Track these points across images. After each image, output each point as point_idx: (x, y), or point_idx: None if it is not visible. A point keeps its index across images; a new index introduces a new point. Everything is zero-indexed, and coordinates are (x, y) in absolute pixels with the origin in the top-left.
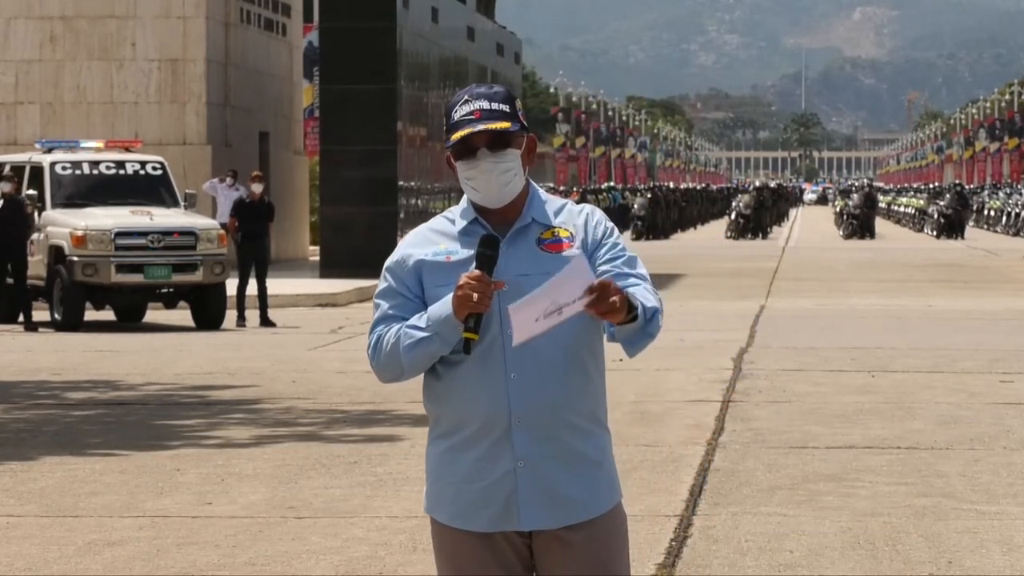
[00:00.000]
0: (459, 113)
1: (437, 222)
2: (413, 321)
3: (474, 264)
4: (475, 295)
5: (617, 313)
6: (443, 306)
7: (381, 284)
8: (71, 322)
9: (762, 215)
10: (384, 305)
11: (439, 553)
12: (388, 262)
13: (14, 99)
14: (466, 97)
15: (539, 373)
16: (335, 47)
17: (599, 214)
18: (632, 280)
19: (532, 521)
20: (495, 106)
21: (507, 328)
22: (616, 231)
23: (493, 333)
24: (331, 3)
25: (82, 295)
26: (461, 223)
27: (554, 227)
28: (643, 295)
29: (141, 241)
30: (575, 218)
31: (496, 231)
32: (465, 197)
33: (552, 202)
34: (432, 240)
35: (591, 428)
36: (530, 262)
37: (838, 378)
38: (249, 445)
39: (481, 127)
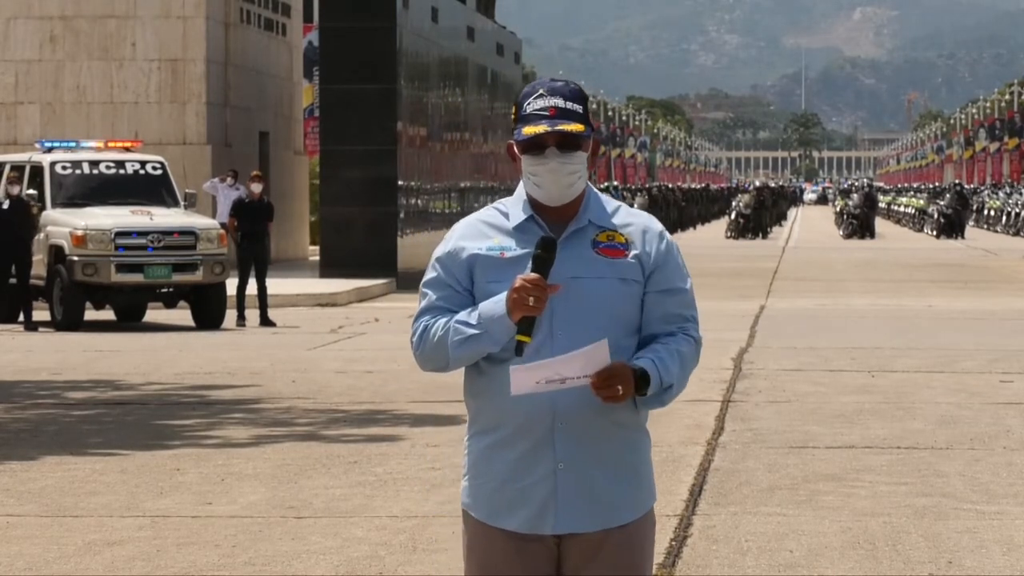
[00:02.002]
0: (532, 106)
1: (490, 214)
2: (463, 316)
3: (530, 266)
4: (531, 299)
5: (618, 400)
6: (496, 305)
7: (429, 273)
8: (71, 322)
9: (762, 215)
10: (431, 295)
11: (470, 549)
12: (438, 252)
13: (14, 99)
14: (541, 91)
15: None
16: (335, 47)
17: (659, 226)
18: (673, 331)
19: (567, 524)
20: (570, 105)
21: (556, 330)
22: (676, 247)
23: (542, 335)
24: (331, 3)
25: (82, 295)
26: (516, 219)
27: (611, 231)
28: (667, 368)
29: (141, 241)
30: (633, 226)
31: (551, 230)
32: (520, 190)
33: (608, 204)
34: (485, 234)
35: (633, 434)
36: (584, 265)
37: (838, 378)
38: (249, 445)
39: (555, 127)
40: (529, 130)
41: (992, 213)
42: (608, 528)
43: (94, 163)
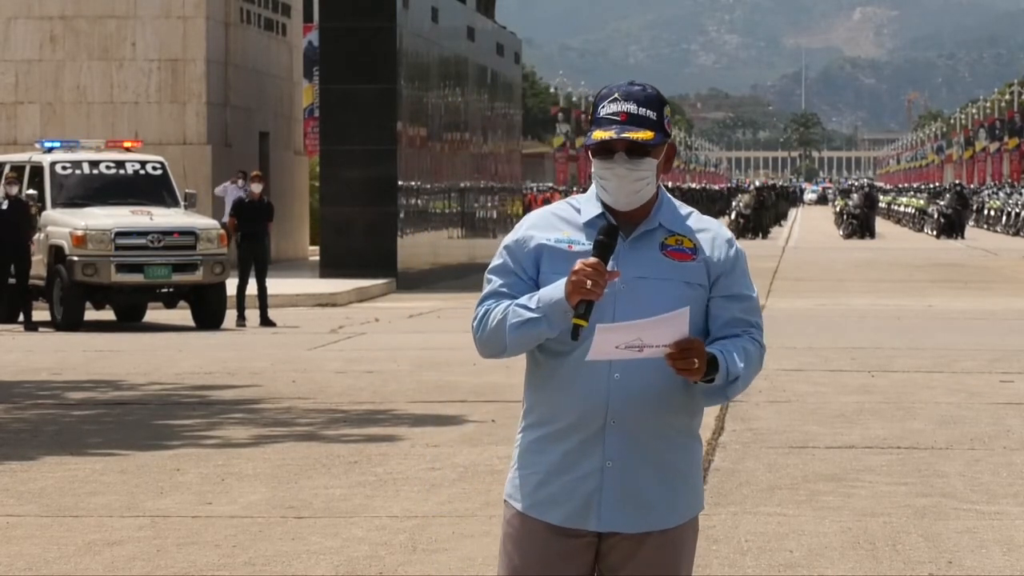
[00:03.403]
0: (606, 110)
1: (562, 208)
2: (523, 301)
3: (592, 251)
4: (589, 282)
5: (692, 374)
6: (555, 289)
7: (496, 260)
8: (71, 322)
9: (762, 215)
10: (496, 281)
11: (508, 540)
12: (507, 240)
13: (14, 99)
14: (616, 95)
15: (643, 377)
16: (335, 47)
17: (729, 233)
18: (738, 333)
19: (609, 523)
20: (642, 111)
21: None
22: (745, 256)
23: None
24: (331, 3)
25: (82, 295)
26: (588, 214)
27: (680, 235)
28: (734, 360)
29: (141, 241)
30: (702, 232)
31: (622, 229)
32: (593, 188)
33: (681, 208)
34: (555, 226)
35: (685, 438)
36: (650, 265)
37: (838, 378)
38: (249, 445)
39: (623, 135)
40: (599, 135)
41: (992, 213)
42: (650, 531)
43: (94, 163)
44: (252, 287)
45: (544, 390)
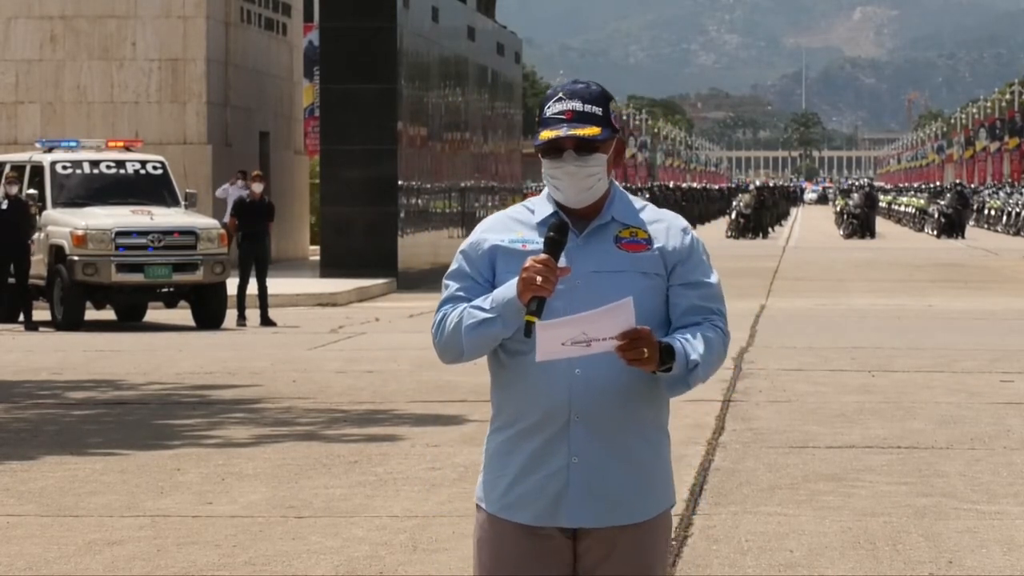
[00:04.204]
0: (551, 110)
1: (517, 210)
2: (478, 302)
3: (543, 248)
4: (539, 278)
5: (645, 364)
6: (508, 288)
7: (453, 265)
8: (71, 322)
9: (762, 215)
10: (453, 286)
11: (482, 543)
12: (463, 245)
13: (14, 99)
14: (561, 94)
15: (605, 372)
16: (335, 47)
17: (684, 222)
18: (699, 321)
19: (577, 518)
20: (588, 108)
21: None
22: (702, 245)
23: None
24: (331, 3)
25: (82, 294)
26: (541, 214)
27: (634, 227)
28: (692, 347)
29: (141, 241)
30: (657, 223)
31: (576, 227)
32: (547, 189)
33: (634, 203)
34: (509, 227)
35: (651, 432)
36: (605, 259)
37: (838, 378)
38: (249, 445)
39: (569, 132)
40: (546, 134)
41: (992, 213)
42: (620, 526)
43: (94, 163)
44: (252, 287)
45: (509, 390)
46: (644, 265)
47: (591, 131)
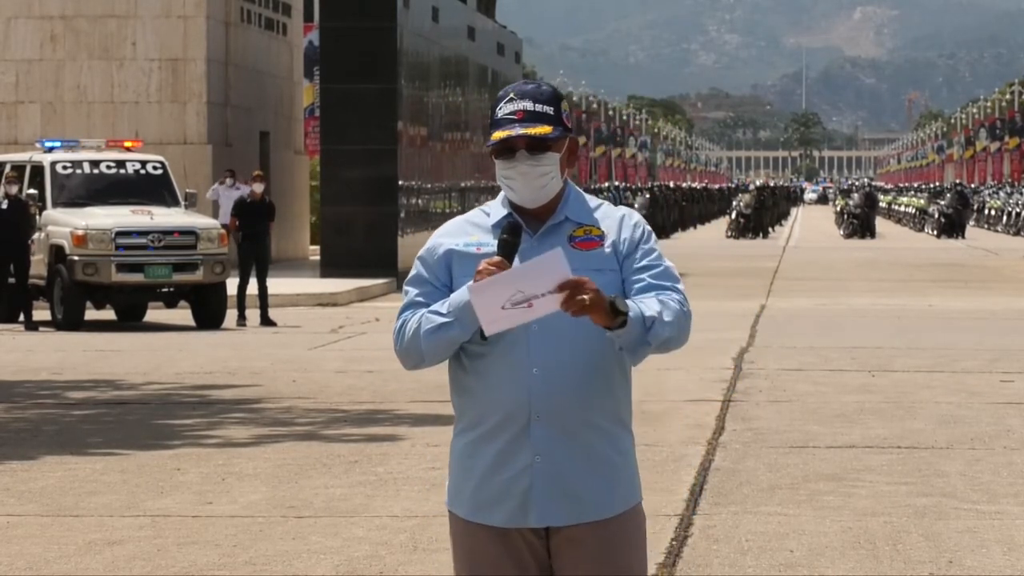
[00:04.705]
0: (502, 111)
1: (473, 214)
2: (435, 307)
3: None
4: None
5: (594, 313)
6: (463, 292)
7: (412, 271)
8: (71, 321)
9: (762, 215)
10: (412, 292)
11: (457, 548)
12: (421, 251)
13: (14, 99)
14: (512, 95)
15: (562, 370)
16: (335, 47)
17: (636, 217)
18: (656, 292)
19: (544, 517)
20: (539, 108)
21: (532, 324)
22: (653, 237)
23: (519, 329)
24: (332, 3)
25: (82, 294)
26: (496, 216)
27: (587, 225)
28: (648, 304)
29: (141, 240)
30: (610, 219)
31: (530, 227)
32: (503, 192)
33: (589, 201)
34: (466, 231)
35: (612, 428)
36: None
37: (838, 378)
38: (249, 444)
39: (520, 131)
40: (498, 134)
41: (993, 213)
42: (589, 524)
43: (94, 163)
44: (252, 287)
45: (469, 394)
46: (598, 263)
47: (543, 130)
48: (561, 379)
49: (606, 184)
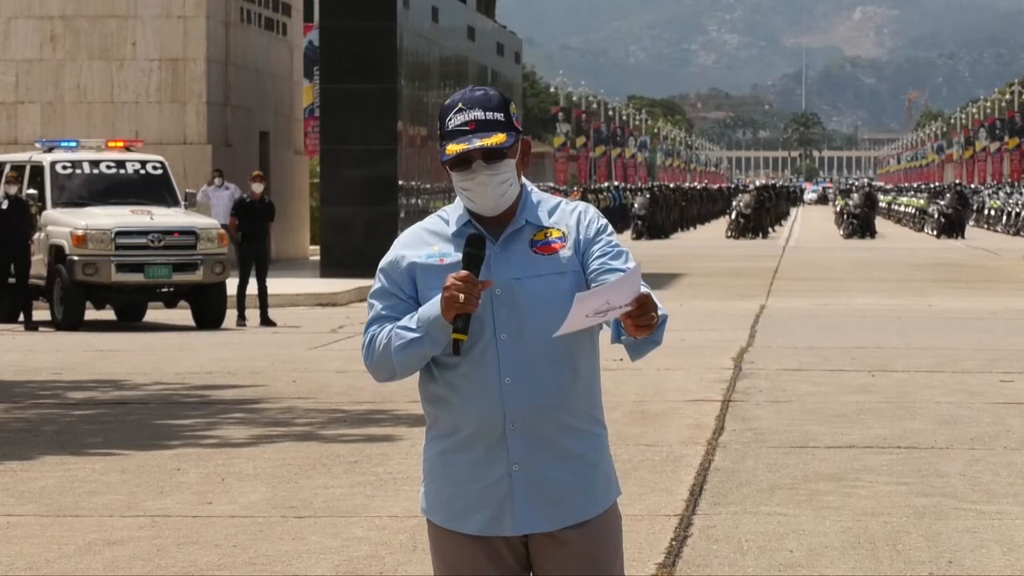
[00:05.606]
0: (453, 122)
1: (432, 222)
2: (404, 322)
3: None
4: (462, 296)
5: (649, 331)
6: (432, 307)
7: (375, 284)
8: (71, 321)
9: (762, 215)
10: (378, 306)
11: (436, 555)
12: (382, 263)
13: (14, 99)
14: (460, 105)
15: (532, 376)
16: (335, 46)
17: (592, 212)
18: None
19: (524, 525)
20: (490, 115)
21: (500, 332)
22: (610, 228)
23: (487, 337)
24: (331, 3)
25: (82, 294)
26: (456, 224)
27: (547, 228)
28: (657, 300)
29: (141, 240)
30: (568, 217)
31: (491, 234)
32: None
33: (546, 202)
34: (426, 241)
35: (587, 427)
36: (523, 265)
37: (838, 378)
38: (249, 445)
39: (477, 143)
40: (453, 148)
41: (992, 213)
42: (569, 526)
43: (94, 163)
44: (252, 287)
45: (442, 402)
46: (560, 265)
47: (497, 139)
48: (533, 387)
49: (606, 184)
